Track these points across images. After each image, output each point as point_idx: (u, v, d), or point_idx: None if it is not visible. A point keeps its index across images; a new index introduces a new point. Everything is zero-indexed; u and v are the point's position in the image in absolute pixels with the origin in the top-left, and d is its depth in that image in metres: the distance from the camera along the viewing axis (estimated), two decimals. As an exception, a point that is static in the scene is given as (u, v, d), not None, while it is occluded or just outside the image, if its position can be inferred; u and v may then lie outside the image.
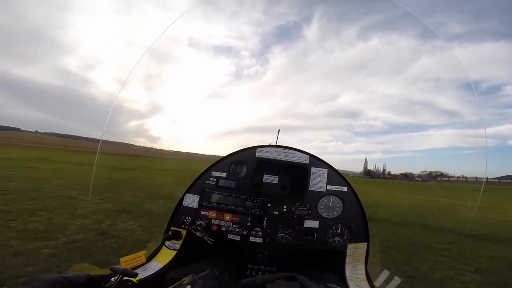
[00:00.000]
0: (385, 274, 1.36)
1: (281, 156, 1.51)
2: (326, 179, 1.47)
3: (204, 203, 1.44)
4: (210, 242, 1.30)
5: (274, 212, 1.43)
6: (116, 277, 0.82)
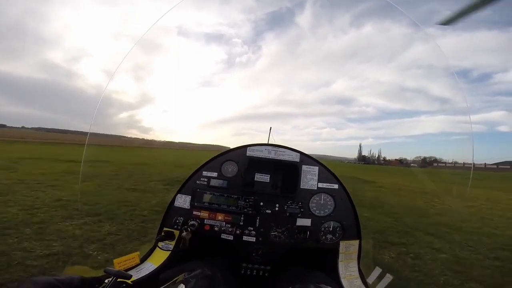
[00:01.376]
0: (377, 271, 1.37)
1: (272, 154, 1.51)
2: (317, 177, 1.48)
3: (196, 203, 1.44)
4: (186, 231, 1.32)
5: (267, 211, 1.43)
6: (110, 279, 0.83)
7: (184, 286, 0.86)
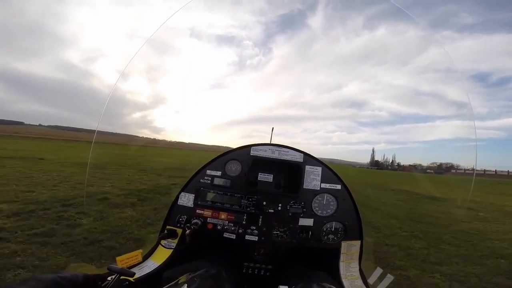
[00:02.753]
0: (378, 271, 1.37)
1: (276, 154, 1.52)
2: (320, 177, 1.48)
3: (199, 202, 1.46)
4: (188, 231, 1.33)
5: (269, 210, 1.44)
6: (113, 276, 0.83)
7: (187, 286, 0.87)
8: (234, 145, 1.64)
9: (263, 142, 1.57)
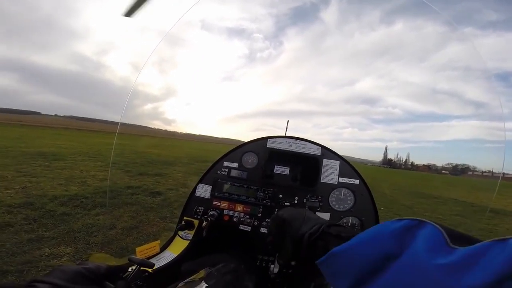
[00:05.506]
0: None
1: (293, 147, 1.51)
2: (338, 171, 1.46)
3: (216, 193, 1.46)
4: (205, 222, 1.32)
5: (285, 203, 1.43)
6: (134, 267, 0.83)
7: (206, 280, 0.87)
8: (244, 138, 1.62)
9: (277, 135, 1.55)
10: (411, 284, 0.38)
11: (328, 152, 1.50)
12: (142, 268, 0.84)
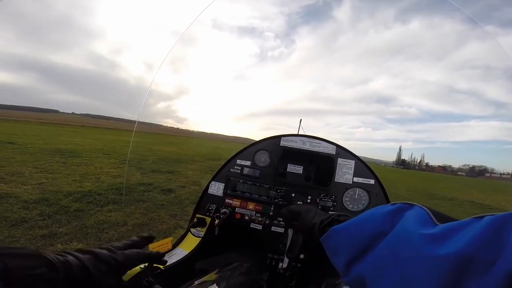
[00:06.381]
0: None
1: (307, 145, 1.49)
2: (352, 171, 1.43)
3: (228, 191, 1.46)
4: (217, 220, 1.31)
5: (298, 202, 1.42)
6: (147, 264, 0.80)
7: (219, 280, 0.86)
8: (254, 136, 1.96)
9: (291, 133, 1.54)
10: (396, 254, 0.42)
11: (343, 151, 1.46)
12: (154, 265, 0.81)
